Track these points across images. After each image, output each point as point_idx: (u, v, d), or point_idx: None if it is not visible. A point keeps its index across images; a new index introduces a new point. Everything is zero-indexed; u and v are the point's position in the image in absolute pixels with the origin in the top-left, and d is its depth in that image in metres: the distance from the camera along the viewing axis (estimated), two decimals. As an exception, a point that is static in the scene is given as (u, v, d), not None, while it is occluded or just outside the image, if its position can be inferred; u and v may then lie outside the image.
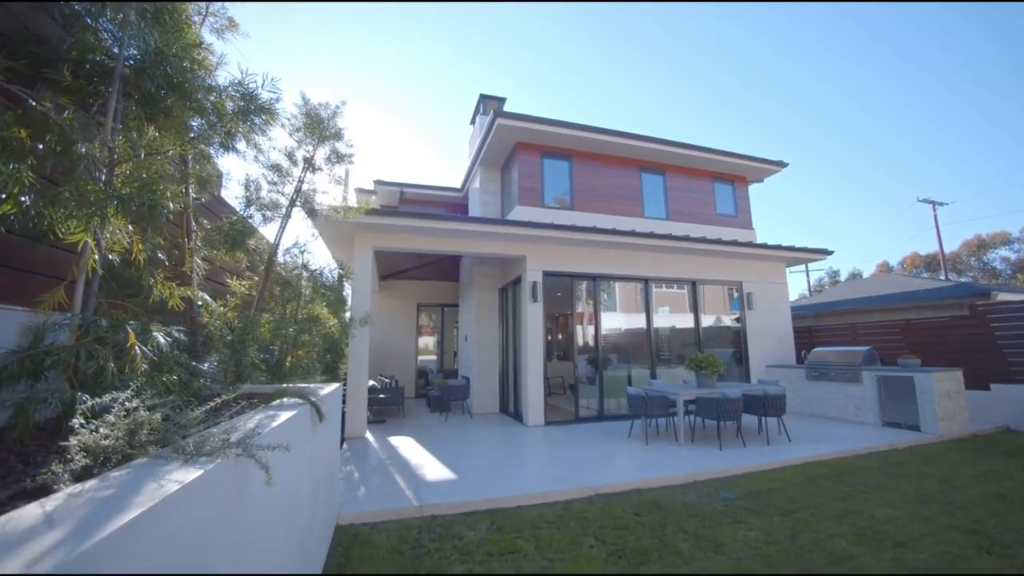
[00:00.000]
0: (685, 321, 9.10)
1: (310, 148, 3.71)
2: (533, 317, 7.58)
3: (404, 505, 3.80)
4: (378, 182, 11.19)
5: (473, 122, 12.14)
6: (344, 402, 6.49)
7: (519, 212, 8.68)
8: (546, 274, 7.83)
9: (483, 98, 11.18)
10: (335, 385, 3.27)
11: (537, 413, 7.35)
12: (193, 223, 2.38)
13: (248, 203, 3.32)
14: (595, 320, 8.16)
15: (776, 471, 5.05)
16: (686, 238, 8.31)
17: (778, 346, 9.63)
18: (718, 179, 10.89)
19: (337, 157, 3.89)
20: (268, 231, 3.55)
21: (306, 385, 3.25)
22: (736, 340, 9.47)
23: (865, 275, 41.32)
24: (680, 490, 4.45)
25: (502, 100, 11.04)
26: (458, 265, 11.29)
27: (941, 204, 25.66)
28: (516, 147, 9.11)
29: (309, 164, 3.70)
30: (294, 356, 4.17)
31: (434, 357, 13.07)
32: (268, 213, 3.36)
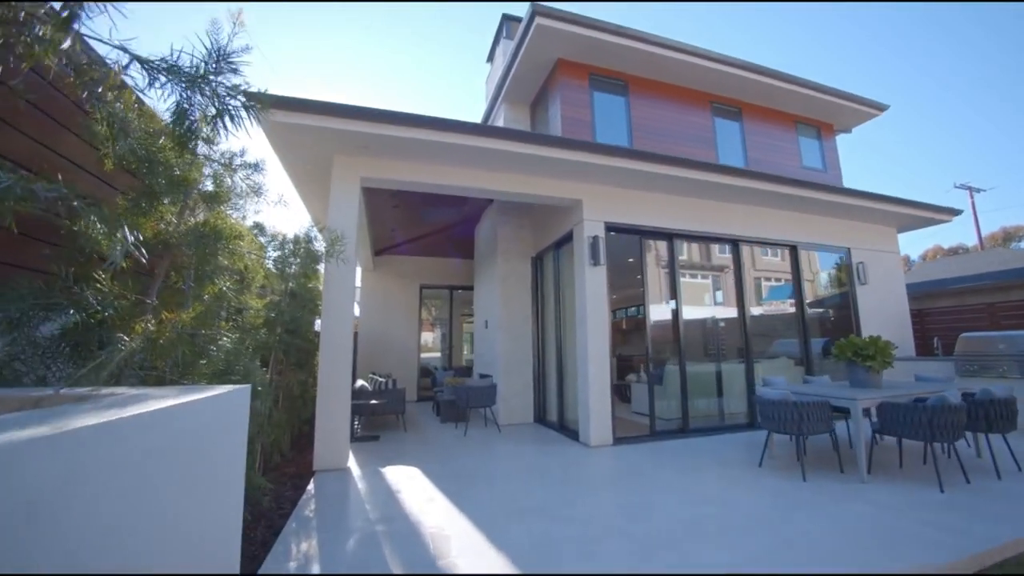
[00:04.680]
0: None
1: None
2: (594, 287, 5.25)
3: None
4: (370, 130, 8.79)
5: (490, 59, 9.75)
6: (315, 418, 4.12)
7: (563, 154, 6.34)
8: (608, 228, 5.51)
9: (506, 19, 8.77)
10: (195, 395, 0.94)
11: (603, 428, 5.03)
12: None
13: None
14: (674, 295, 5.84)
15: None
16: (796, 182, 6.02)
17: (892, 332, 7.35)
18: (801, 125, 8.60)
19: None
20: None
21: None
22: (837, 324, 7.17)
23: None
24: (985, 601, 2.17)
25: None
26: (471, 237, 8.94)
27: (979, 191, 23.94)
28: (557, 67, 6.76)
29: None
30: (161, 324, 1.81)
31: (437, 353, 10.62)
32: None
